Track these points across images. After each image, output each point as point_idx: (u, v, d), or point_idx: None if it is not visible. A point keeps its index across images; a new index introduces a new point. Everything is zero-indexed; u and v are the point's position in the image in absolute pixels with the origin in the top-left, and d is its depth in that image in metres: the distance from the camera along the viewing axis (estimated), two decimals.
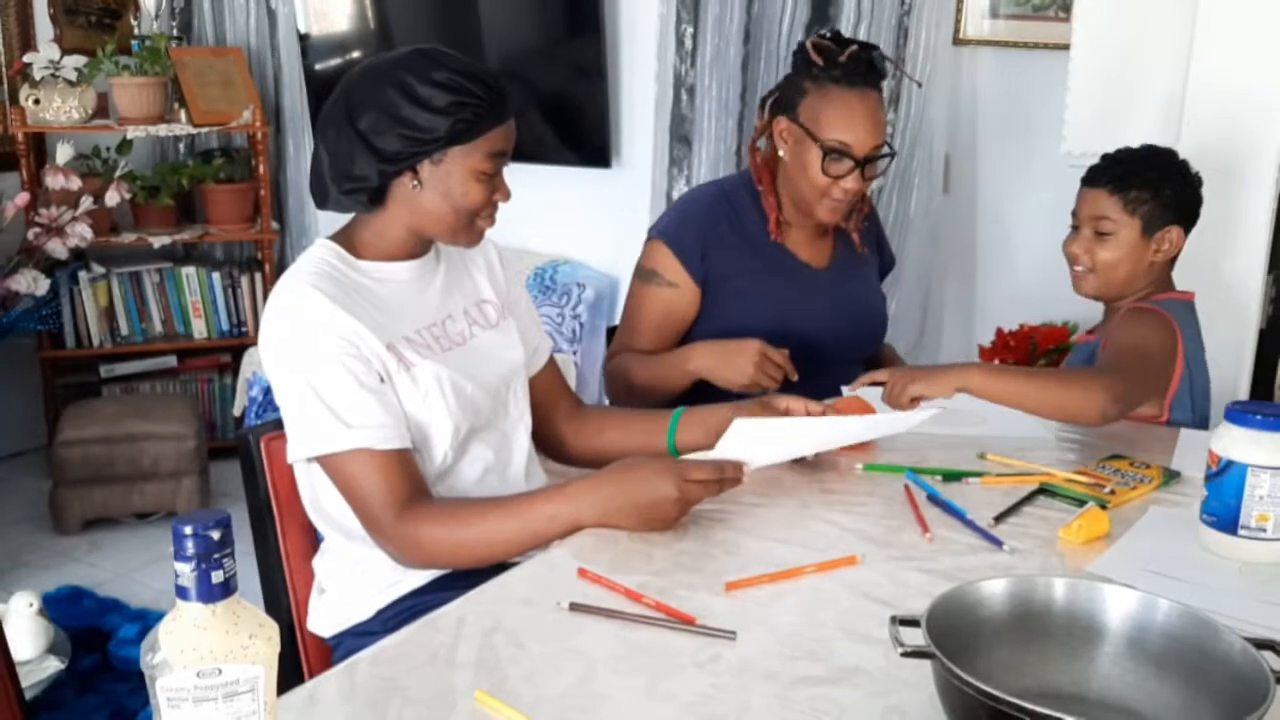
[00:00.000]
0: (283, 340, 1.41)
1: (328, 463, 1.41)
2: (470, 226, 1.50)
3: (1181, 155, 1.92)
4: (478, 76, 1.43)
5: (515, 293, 1.69)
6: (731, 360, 1.82)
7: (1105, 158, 1.90)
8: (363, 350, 1.41)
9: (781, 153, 1.93)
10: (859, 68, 1.85)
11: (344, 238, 1.52)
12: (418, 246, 1.54)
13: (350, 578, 1.49)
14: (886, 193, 3.11)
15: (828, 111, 1.85)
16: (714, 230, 1.97)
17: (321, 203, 1.50)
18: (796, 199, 1.95)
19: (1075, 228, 1.93)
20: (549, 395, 1.71)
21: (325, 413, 1.38)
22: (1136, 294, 1.91)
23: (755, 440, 1.51)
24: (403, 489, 1.39)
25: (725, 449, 1.49)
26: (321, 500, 1.48)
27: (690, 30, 3.28)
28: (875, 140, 1.87)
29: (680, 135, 3.36)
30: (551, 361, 1.73)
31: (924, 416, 1.62)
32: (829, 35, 1.92)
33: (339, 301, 1.41)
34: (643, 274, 1.99)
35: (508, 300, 1.66)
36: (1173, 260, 1.93)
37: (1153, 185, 1.85)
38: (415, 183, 1.45)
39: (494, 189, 1.48)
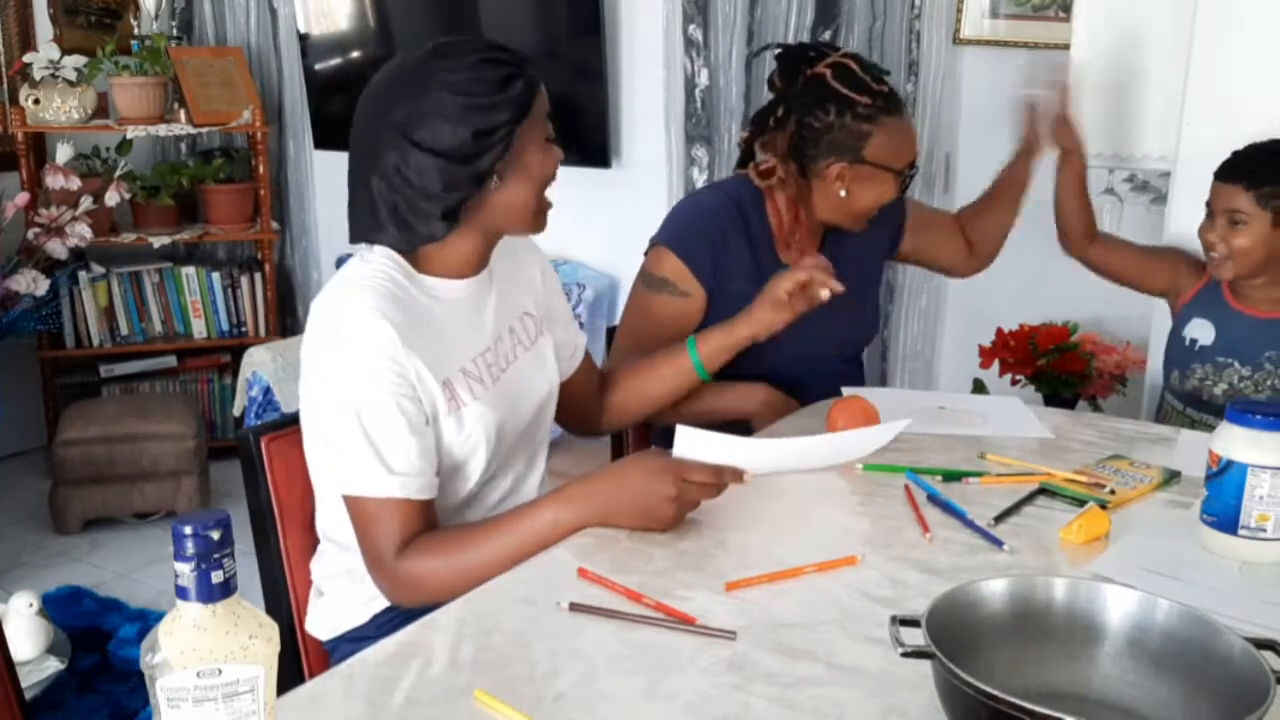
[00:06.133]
0: (341, 365, 1.36)
1: (355, 498, 1.38)
2: (542, 209, 1.48)
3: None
4: (498, 46, 1.42)
5: (553, 300, 1.68)
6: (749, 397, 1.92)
7: (1236, 154, 1.93)
8: (418, 390, 1.38)
9: (843, 193, 1.90)
10: (893, 94, 1.89)
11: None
12: (480, 260, 1.50)
13: (346, 584, 1.48)
14: None
15: (896, 143, 1.89)
16: (722, 237, 1.95)
17: (374, 241, 1.43)
18: (845, 221, 1.95)
19: (1209, 216, 1.96)
20: (586, 385, 1.75)
21: (370, 455, 1.34)
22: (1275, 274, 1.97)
23: (704, 452, 1.47)
24: (414, 536, 1.36)
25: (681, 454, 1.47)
26: (329, 512, 1.47)
27: (700, 33, 3.27)
28: None
29: (693, 136, 3.36)
30: (587, 354, 1.76)
31: (889, 437, 1.64)
32: (836, 64, 1.89)
33: (402, 331, 1.36)
34: (653, 283, 1.94)
35: (546, 310, 1.64)
36: None
37: None
38: (494, 180, 1.42)
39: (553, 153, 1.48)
